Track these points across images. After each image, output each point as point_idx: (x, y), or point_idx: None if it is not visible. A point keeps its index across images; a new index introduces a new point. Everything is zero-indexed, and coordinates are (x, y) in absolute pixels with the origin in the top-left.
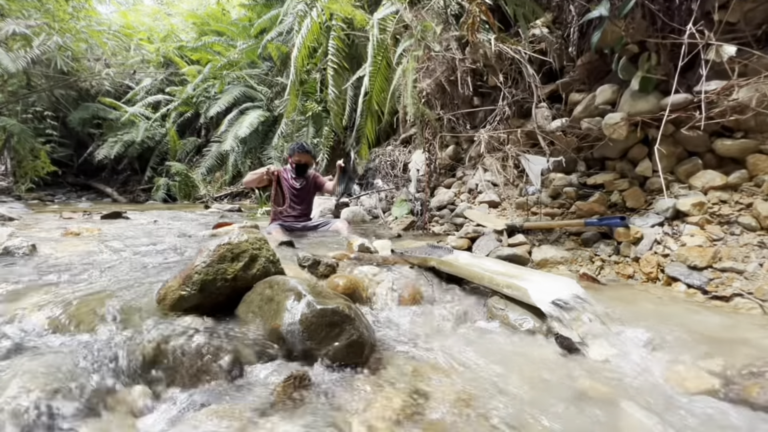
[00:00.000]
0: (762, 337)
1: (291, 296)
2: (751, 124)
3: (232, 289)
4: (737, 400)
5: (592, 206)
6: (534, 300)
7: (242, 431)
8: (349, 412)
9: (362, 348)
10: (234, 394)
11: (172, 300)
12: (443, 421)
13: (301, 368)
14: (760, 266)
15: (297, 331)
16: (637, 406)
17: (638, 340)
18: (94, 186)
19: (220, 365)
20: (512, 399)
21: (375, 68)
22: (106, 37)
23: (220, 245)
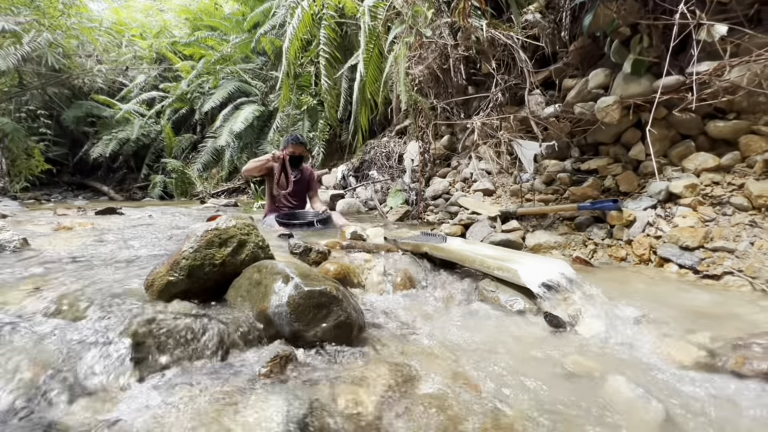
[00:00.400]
0: (750, 312)
1: (279, 279)
2: (743, 104)
3: (220, 275)
4: (724, 371)
5: (585, 191)
6: (524, 281)
7: (225, 405)
8: (335, 387)
9: (350, 329)
10: (219, 373)
11: (160, 286)
12: (433, 394)
13: (288, 348)
14: (751, 245)
15: (284, 312)
16: (623, 378)
17: (627, 317)
18: (90, 185)
19: (206, 346)
20: (500, 373)
21: (367, 56)
22: (98, 34)
23: (208, 230)
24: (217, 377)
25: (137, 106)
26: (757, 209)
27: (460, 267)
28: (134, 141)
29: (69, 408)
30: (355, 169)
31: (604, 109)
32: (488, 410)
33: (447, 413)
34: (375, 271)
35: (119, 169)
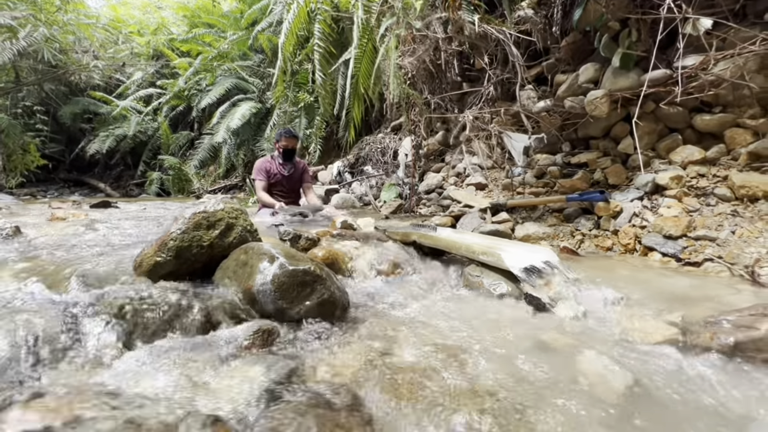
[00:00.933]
0: (726, 295)
1: (264, 259)
2: (728, 98)
3: (208, 257)
4: (694, 346)
5: (574, 183)
6: (507, 265)
7: (208, 370)
8: (316, 358)
9: (334, 306)
10: (203, 345)
11: (148, 266)
12: (411, 363)
13: (271, 324)
14: (732, 233)
15: (269, 290)
16: (597, 352)
17: (606, 299)
18: (86, 181)
19: (191, 321)
20: (480, 348)
21: (360, 51)
22: (95, 30)
23: (196, 213)
24: (201, 348)
25: (134, 102)
26: (739, 199)
27: (447, 255)
28: (131, 138)
29: (57, 370)
30: (351, 165)
31: (593, 102)
32: (465, 377)
33: (423, 380)
34: (363, 257)
35: (116, 166)
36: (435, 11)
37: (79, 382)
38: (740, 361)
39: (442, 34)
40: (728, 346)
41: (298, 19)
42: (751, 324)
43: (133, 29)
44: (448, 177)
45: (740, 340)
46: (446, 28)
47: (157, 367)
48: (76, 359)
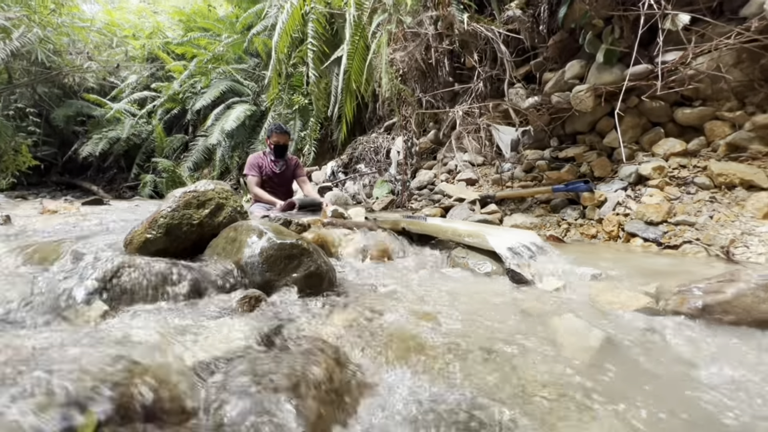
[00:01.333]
0: (700, 271)
1: (253, 234)
2: (707, 92)
3: (198, 235)
4: (666, 311)
5: (561, 175)
6: (492, 245)
7: (196, 326)
8: (302, 321)
9: (321, 279)
10: (191, 309)
11: (138, 243)
12: (392, 326)
13: (259, 292)
14: (710, 218)
15: (257, 263)
16: (573, 317)
17: (587, 275)
18: (79, 184)
19: (178, 289)
20: (461, 315)
21: (353, 48)
22: (89, 33)
23: (186, 192)
24: (189, 311)
25: (128, 105)
26: (717, 187)
27: (435, 241)
28: (125, 140)
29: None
30: (345, 165)
31: (578, 96)
32: (445, 337)
33: (403, 339)
34: (353, 243)
35: (109, 168)
36: (426, 10)
37: (60, 339)
38: (707, 322)
39: (432, 31)
40: (697, 309)
41: (291, 19)
42: (718, 289)
43: (128, 32)
44: (440, 174)
45: (708, 303)
46: (437, 25)
47: (144, 325)
48: (63, 317)
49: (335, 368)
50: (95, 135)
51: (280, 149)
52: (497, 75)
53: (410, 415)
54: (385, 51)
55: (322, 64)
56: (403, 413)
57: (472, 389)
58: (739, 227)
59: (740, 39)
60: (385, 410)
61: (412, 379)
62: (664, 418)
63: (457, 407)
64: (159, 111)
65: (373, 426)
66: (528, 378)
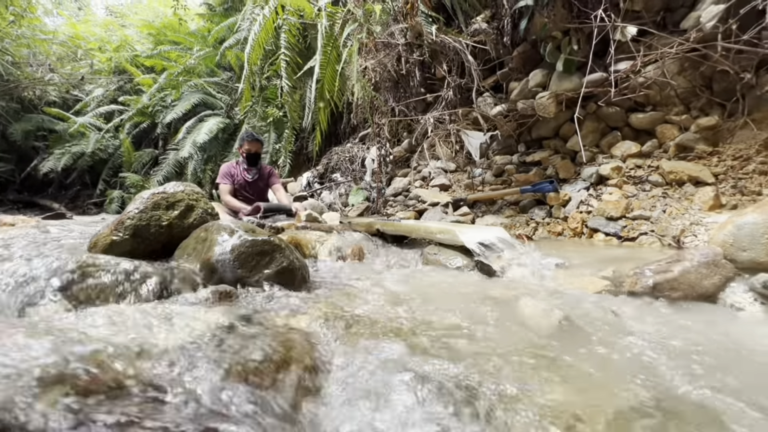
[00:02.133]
0: (653, 257)
1: (224, 233)
2: (657, 98)
3: (168, 237)
4: (621, 292)
5: (528, 178)
6: (462, 240)
7: (164, 318)
8: (274, 312)
9: (293, 275)
10: (159, 304)
11: (103, 245)
12: (363, 315)
13: (230, 287)
14: (663, 212)
15: (228, 260)
16: (536, 299)
17: (551, 264)
18: (38, 202)
19: (147, 287)
20: (433, 302)
21: (325, 58)
22: (51, 45)
23: (155, 194)
24: (156, 306)
25: (94, 119)
26: (669, 184)
27: (409, 240)
28: (90, 155)
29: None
30: (320, 175)
31: (542, 103)
32: (417, 321)
33: (375, 323)
34: (327, 244)
35: (72, 185)
36: (396, 23)
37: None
38: (657, 299)
39: (403, 41)
40: (648, 287)
41: (264, 31)
42: (666, 269)
43: (93, 45)
44: (414, 181)
45: (657, 281)
46: (407, 36)
47: (103, 321)
48: (26, 314)
49: (305, 346)
50: (57, 150)
51: (253, 157)
52: (466, 84)
53: (379, 382)
54: (357, 60)
55: (295, 74)
56: (373, 381)
57: (442, 359)
58: (688, 219)
59: (682, 49)
60: (355, 380)
61: (383, 354)
62: (607, 365)
63: (430, 374)
64: (127, 125)
65: (341, 395)
66: (496, 347)
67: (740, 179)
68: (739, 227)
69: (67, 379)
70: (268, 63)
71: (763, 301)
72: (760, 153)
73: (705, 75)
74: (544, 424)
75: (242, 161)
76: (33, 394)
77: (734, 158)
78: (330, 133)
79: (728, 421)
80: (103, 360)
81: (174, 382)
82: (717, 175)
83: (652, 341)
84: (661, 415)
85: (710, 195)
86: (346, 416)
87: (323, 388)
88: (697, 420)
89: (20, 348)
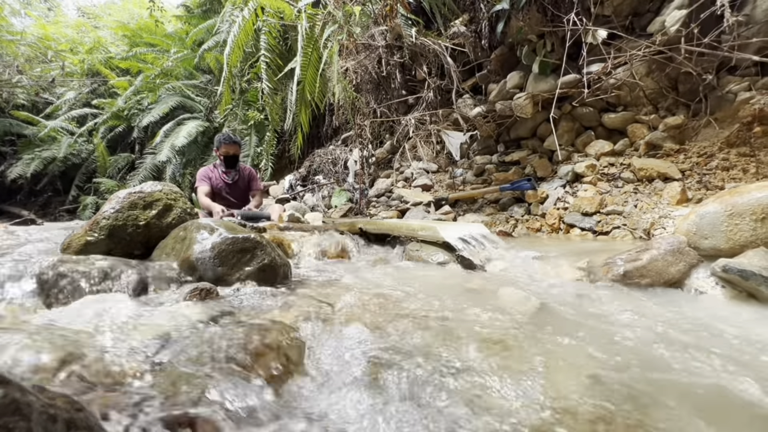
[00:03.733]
0: (624, 248)
1: (204, 231)
2: (627, 99)
3: (145, 237)
4: (595, 280)
5: (508, 176)
6: (443, 236)
7: (143, 313)
8: (255, 308)
9: (275, 272)
10: (137, 302)
11: (78, 246)
12: (347, 307)
13: (210, 285)
14: (635, 207)
15: (208, 258)
16: (515, 289)
17: (529, 257)
18: (6, 210)
19: (123, 285)
20: (415, 294)
21: (306, 59)
22: (18, 46)
23: (131, 193)
24: (135, 304)
25: (66, 123)
26: (640, 180)
27: (391, 238)
28: (61, 160)
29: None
30: (303, 177)
31: (519, 103)
32: (399, 310)
33: (356, 315)
34: (310, 243)
35: (43, 191)
36: (376, 25)
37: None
38: (627, 286)
39: (383, 43)
40: (619, 275)
41: (243, 33)
42: (636, 257)
43: (65, 47)
44: (397, 181)
45: (628, 269)
46: (387, 38)
47: (77, 317)
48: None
49: (286, 338)
50: (26, 155)
51: (231, 160)
52: (446, 86)
53: (364, 361)
54: (337, 61)
55: (276, 76)
56: (357, 363)
57: (425, 341)
58: (657, 213)
59: (648, 51)
60: (329, 361)
61: (365, 339)
62: (578, 341)
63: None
64: (101, 129)
65: (324, 375)
66: (478, 330)
67: (704, 175)
68: (701, 216)
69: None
70: (248, 65)
71: (723, 284)
72: (722, 150)
73: (671, 77)
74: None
75: (220, 164)
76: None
77: (699, 155)
78: (312, 136)
79: (670, 370)
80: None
81: (156, 367)
82: (684, 171)
83: (622, 322)
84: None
85: (677, 190)
86: (322, 394)
87: (300, 370)
88: (648, 369)
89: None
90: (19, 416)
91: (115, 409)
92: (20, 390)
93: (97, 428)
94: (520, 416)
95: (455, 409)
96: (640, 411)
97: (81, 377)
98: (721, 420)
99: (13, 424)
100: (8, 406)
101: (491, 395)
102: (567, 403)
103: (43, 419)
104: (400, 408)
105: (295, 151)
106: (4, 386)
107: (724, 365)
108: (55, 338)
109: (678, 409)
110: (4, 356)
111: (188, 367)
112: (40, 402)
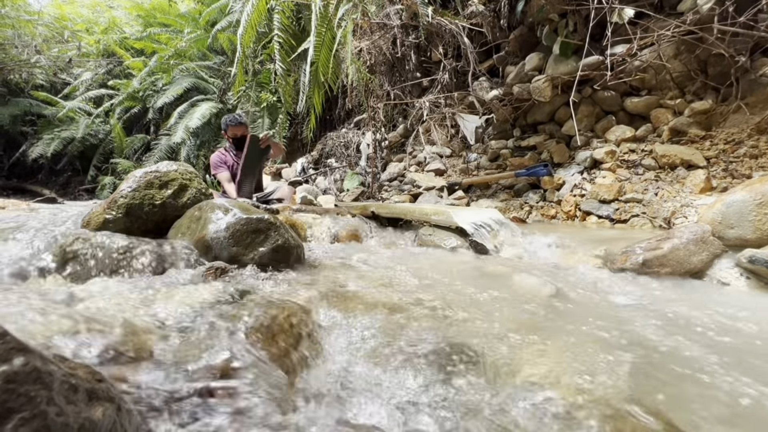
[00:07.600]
0: (644, 238)
1: (218, 211)
2: (652, 82)
3: (161, 216)
4: (612, 269)
5: (523, 161)
6: (457, 221)
7: (165, 291)
8: (270, 288)
9: (288, 253)
10: (157, 280)
11: (96, 224)
12: (359, 291)
13: (225, 264)
14: (655, 195)
15: (223, 238)
16: (530, 275)
17: (544, 243)
18: (29, 188)
19: (141, 263)
20: (428, 279)
21: (319, 39)
22: (36, 26)
23: (148, 172)
24: (155, 282)
25: (83, 103)
26: (662, 168)
27: (403, 222)
28: (80, 141)
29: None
30: (315, 161)
31: (537, 86)
32: (412, 296)
33: (370, 298)
34: (322, 226)
35: (63, 171)
36: (392, 4)
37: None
38: (647, 275)
39: (398, 22)
40: (638, 263)
41: (257, 12)
42: (656, 246)
43: (80, 27)
44: (409, 165)
45: (647, 258)
46: (402, 17)
47: (107, 291)
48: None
49: (302, 316)
50: (46, 135)
51: (240, 141)
52: (462, 68)
53: (375, 346)
54: (351, 41)
55: (289, 57)
56: (367, 347)
57: (442, 327)
58: (679, 201)
59: (678, 31)
60: (351, 344)
61: (378, 324)
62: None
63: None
64: (117, 109)
65: (335, 357)
66: (495, 313)
67: (731, 162)
68: (728, 205)
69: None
70: (261, 46)
71: (748, 275)
72: (752, 137)
73: (700, 58)
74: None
75: (230, 147)
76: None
77: (726, 142)
78: (324, 119)
79: (684, 359)
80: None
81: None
82: (709, 159)
83: (639, 310)
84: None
85: (701, 178)
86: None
87: (317, 347)
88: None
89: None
90: (40, 384)
91: (141, 378)
92: (41, 359)
93: (118, 399)
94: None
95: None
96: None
97: (107, 348)
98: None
99: (34, 392)
100: (29, 374)
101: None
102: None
103: (65, 389)
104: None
105: (308, 134)
106: (25, 354)
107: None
108: (75, 314)
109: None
110: (35, 327)
111: (208, 340)
112: (62, 371)
